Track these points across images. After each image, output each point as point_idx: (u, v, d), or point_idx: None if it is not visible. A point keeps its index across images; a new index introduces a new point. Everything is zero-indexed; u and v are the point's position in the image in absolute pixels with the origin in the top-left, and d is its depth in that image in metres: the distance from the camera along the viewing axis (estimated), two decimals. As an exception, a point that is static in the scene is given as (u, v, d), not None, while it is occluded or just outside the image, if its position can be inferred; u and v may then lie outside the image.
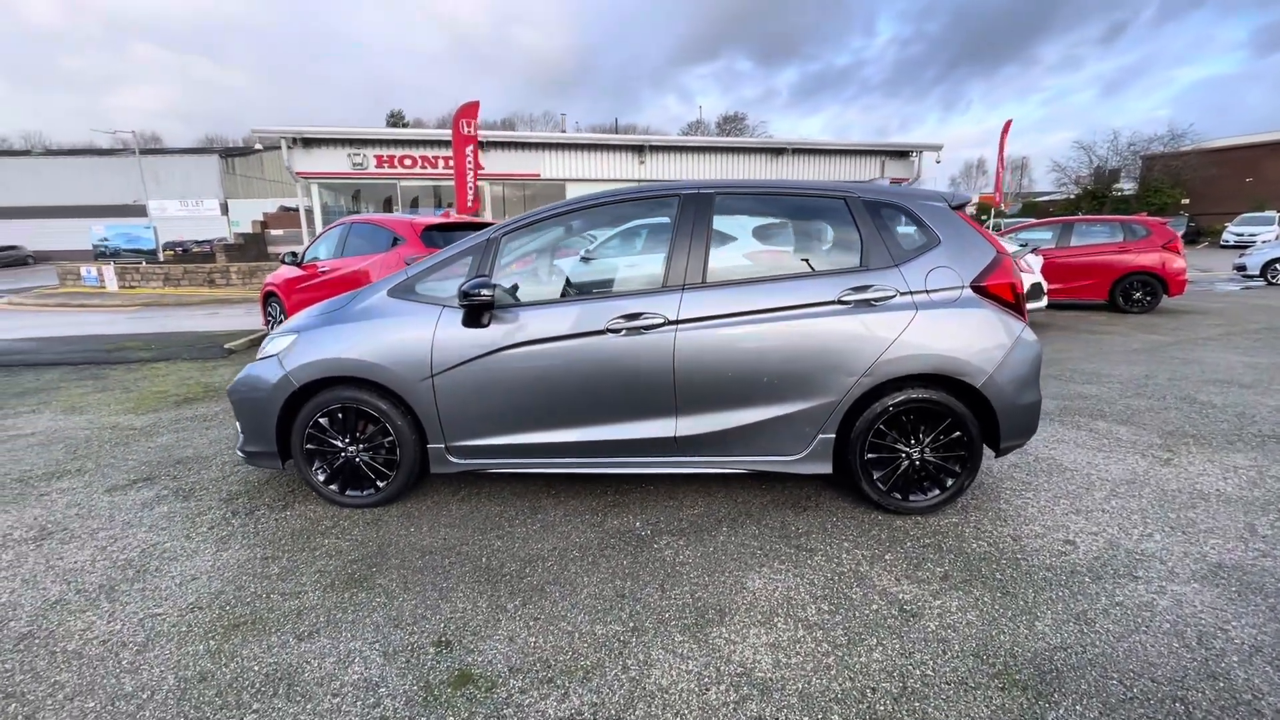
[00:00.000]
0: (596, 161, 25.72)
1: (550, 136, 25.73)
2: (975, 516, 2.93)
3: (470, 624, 2.13)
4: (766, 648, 2.00)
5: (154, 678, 1.87)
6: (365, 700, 1.78)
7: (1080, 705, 1.75)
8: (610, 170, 25.93)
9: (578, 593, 2.32)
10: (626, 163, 25.95)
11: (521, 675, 1.88)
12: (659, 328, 2.78)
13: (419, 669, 1.91)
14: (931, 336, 2.75)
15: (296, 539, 2.73)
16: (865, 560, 2.54)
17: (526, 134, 27.44)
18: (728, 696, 1.79)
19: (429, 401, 2.89)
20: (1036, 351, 2.86)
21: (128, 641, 2.04)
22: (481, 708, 1.75)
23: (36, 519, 2.96)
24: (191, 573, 2.46)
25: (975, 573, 2.44)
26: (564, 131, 35.76)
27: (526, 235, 3.02)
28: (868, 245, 2.86)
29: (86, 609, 2.22)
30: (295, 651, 1.99)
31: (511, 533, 2.79)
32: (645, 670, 1.90)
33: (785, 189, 3.08)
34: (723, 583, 2.39)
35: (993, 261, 2.86)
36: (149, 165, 42.16)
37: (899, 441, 2.89)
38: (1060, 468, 3.52)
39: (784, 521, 2.89)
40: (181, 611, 2.21)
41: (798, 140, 28.17)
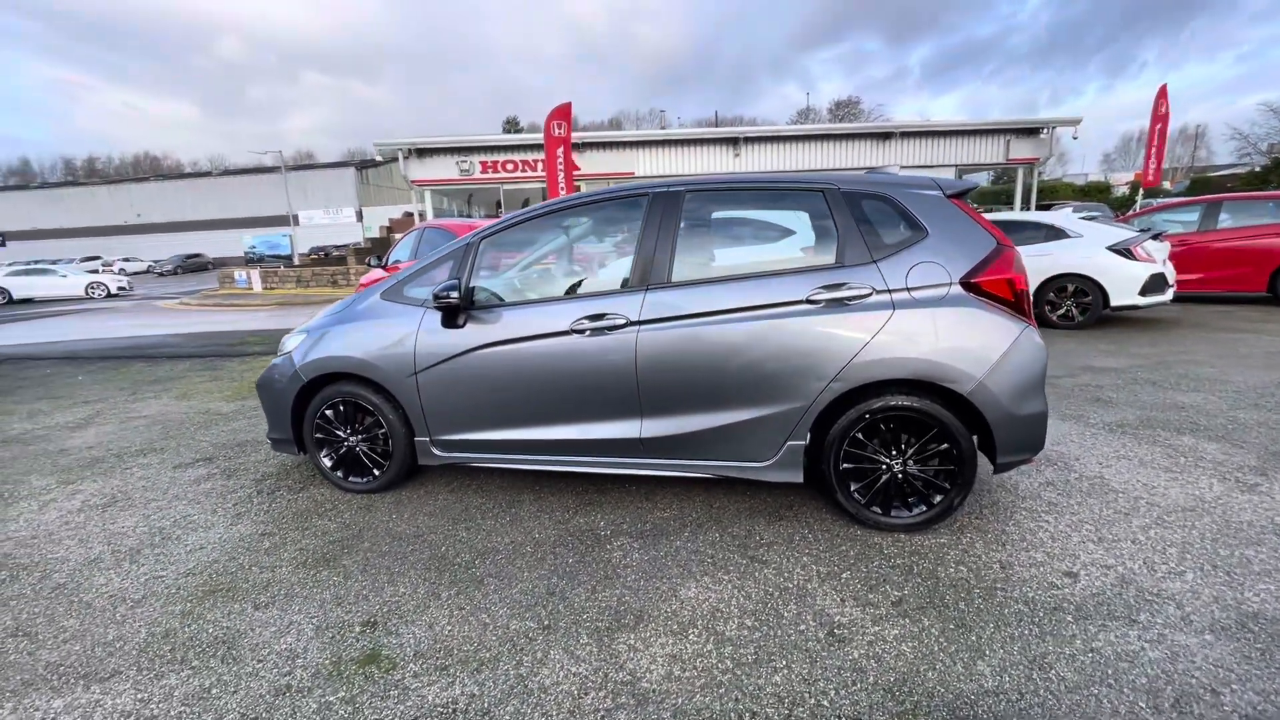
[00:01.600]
0: (690, 157, 25.63)
1: (643, 134, 25.95)
2: (969, 538, 2.65)
3: (402, 608, 2.27)
4: (666, 658, 1.96)
5: (131, 631, 2.18)
6: (281, 669, 1.96)
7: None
8: (704, 165, 25.74)
9: (511, 587, 2.39)
10: (721, 156, 25.64)
11: (422, 660, 1.98)
12: (621, 328, 2.77)
13: (338, 645, 2.07)
14: (910, 338, 2.52)
15: (296, 519, 3.04)
16: (817, 577, 2.39)
17: (620, 133, 27.90)
18: (602, 703, 1.78)
19: (414, 397, 3.08)
20: (1038, 356, 2.52)
21: (127, 598, 2.39)
22: (372, 686, 1.87)
23: (112, 488, 3.51)
24: (201, 543, 2.82)
25: (936, 600, 2.21)
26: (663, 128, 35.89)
27: (504, 239, 3.12)
28: (844, 240, 2.67)
29: (111, 568, 2.62)
30: (247, 619, 2.23)
31: (480, 525, 2.91)
32: (535, 668, 1.93)
33: (761, 183, 2.94)
34: (657, 589, 2.35)
35: (989, 255, 2.56)
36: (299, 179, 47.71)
37: (879, 452, 2.68)
38: (1105, 488, 3.08)
39: (751, 530, 2.78)
40: (178, 576, 2.54)
41: (907, 123, 26.38)
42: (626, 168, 25.43)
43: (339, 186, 48.99)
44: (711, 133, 25.92)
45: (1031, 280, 7.84)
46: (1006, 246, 2.60)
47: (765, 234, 3.00)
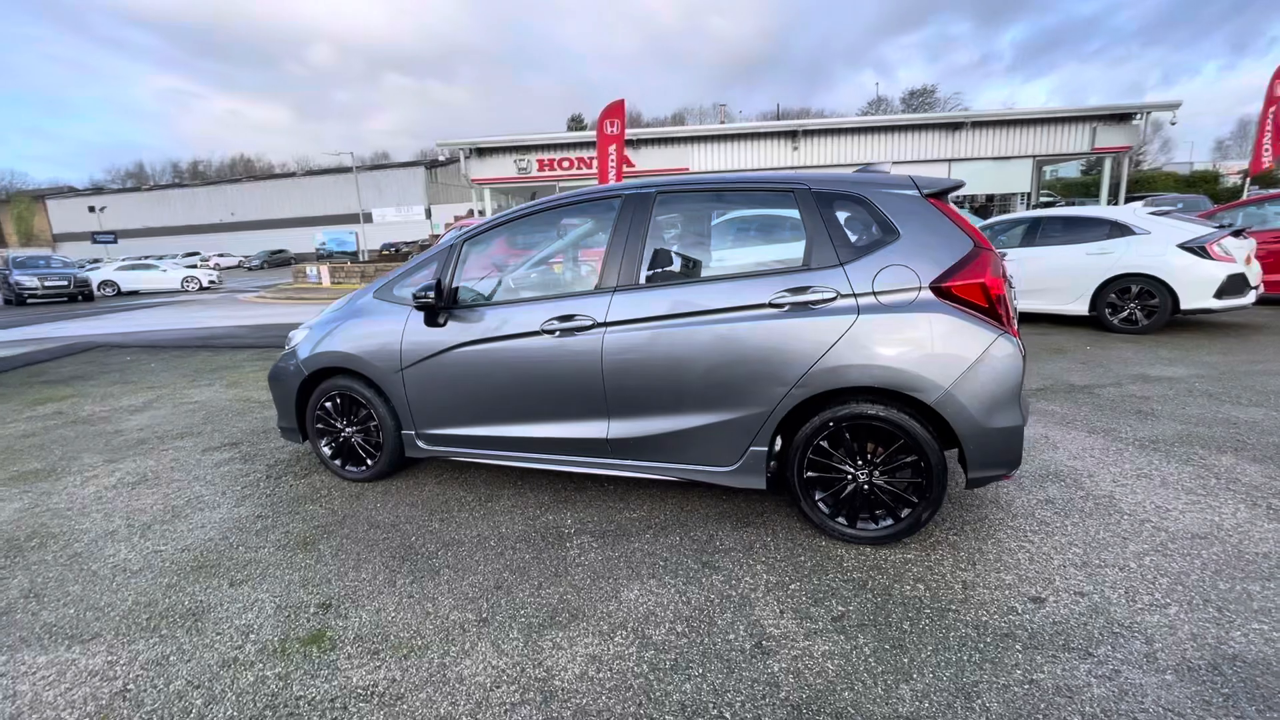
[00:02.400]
0: (746, 151, 25.25)
1: (699, 129, 25.75)
2: (939, 554, 2.52)
3: (358, 593, 2.40)
4: (586, 659, 1.98)
5: (120, 599, 2.41)
6: (234, 642, 2.12)
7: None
8: (761, 159, 25.30)
9: (464, 579, 2.47)
10: (778, 150, 25.13)
11: (360, 644, 2.09)
12: (588, 330, 2.80)
13: (290, 624, 2.21)
14: (873, 344, 2.43)
15: (291, 503, 3.24)
16: (764, 587, 2.34)
17: (674, 129, 27.77)
18: (509, 697, 1.82)
19: (401, 392, 3.23)
20: (1012, 366, 2.37)
21: (128, 569, 2.63)
22: (307, 664, 1.99)
23: (146, 468, 3.86)
24: (204, 522, 3.06)
25: (880, 618, 2.13)
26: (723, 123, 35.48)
27: (486, 240, 3.21)
28: (812, 241, 2.59)
29: (123, 540, 2.89)
30: (220, 595, 2.41)
31: (454, 517, 3.02)
32: (459, 659, 2.00)
33: (733, 184, 2.89)
34: (601, 589, 2.37)
35: (963, 258, 2.43)
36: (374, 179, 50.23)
37: (844, 461, 2.59)
38: (1111, 509, 2.86)
39: (713, 535, 2.75)
40: (176, 551, 2.78)
41: (981, 112, 24.97)
42: (681, 163, 25.34)
43: (411, 185, 51.24)
44: (768, 126, 25.42)
45: (1088, 281, 7.35)
46: (984, 249, 2.46)
47: (736, 236, 2.95)
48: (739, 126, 26.12)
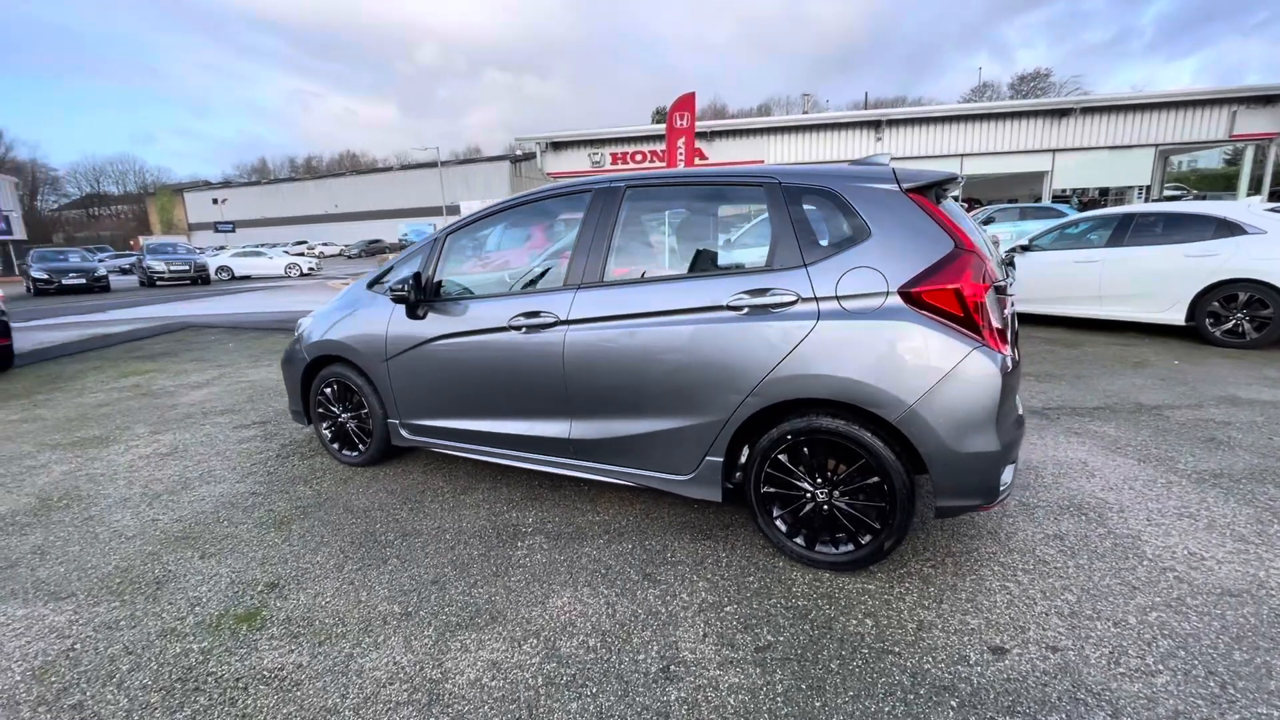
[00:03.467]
0: (827, 142, 24.24)
1: (775, 120, 24.98)
2: (905, 587, 2.29)
3: (306, 575, 2.48)
4: (486, 665, 1.94)
5: (106, 562, 2.62)
6: (179, 613, 2.25)
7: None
8: (842, 150, 24.22)
9: (406, 570, 2.50)
10: (861, 141, 23.95)
11: (286, 626, 2.16)
12: (551, 327, 2.75)
13: (234, 600, 2.32)
14: (832, 353, 2.22)
15: (285, 483, 3.42)
16: (697, 606, 2.21)
17: (749, 120, 27.04)
18: (397, 695, 1.82)
19: (387, 382, 3.31)
20: (989, 384, 2.09)
21: (124, 535, 2.86)
22: (231, 641, 2.08)
23: (180, 440, 4.19)
24: (205, 495, 3.28)
25: (809, 654, 1.95)
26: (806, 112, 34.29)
27: (467, 234, 3.22)
28: (778, 240, 2.41)
29: (133, 508, 3.15)
30: (188, 566, 2.57)
31: (423, 508, 3.07)
32: (368, 651, 2.01)
33: (704, 178, 2.73)
34: (531, 593, 2.33)
35: (939, 261, 2.17)
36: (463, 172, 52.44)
37: (803, 479, 2.40)
38: (1132, 552, 2.49)
39: (667, 545, 2.64)
40: (170, 521, 2.99)
41: (1096, 97, 22.68)
42: (756, 155, 24.72)
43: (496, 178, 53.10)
44: (849, 116, 24.28)
45: (1186, 287, 6.48)
46: (966, 251, 2.18)
47: (703, 232, 2.79)
48: (818, 117, 25.11)
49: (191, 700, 1.82)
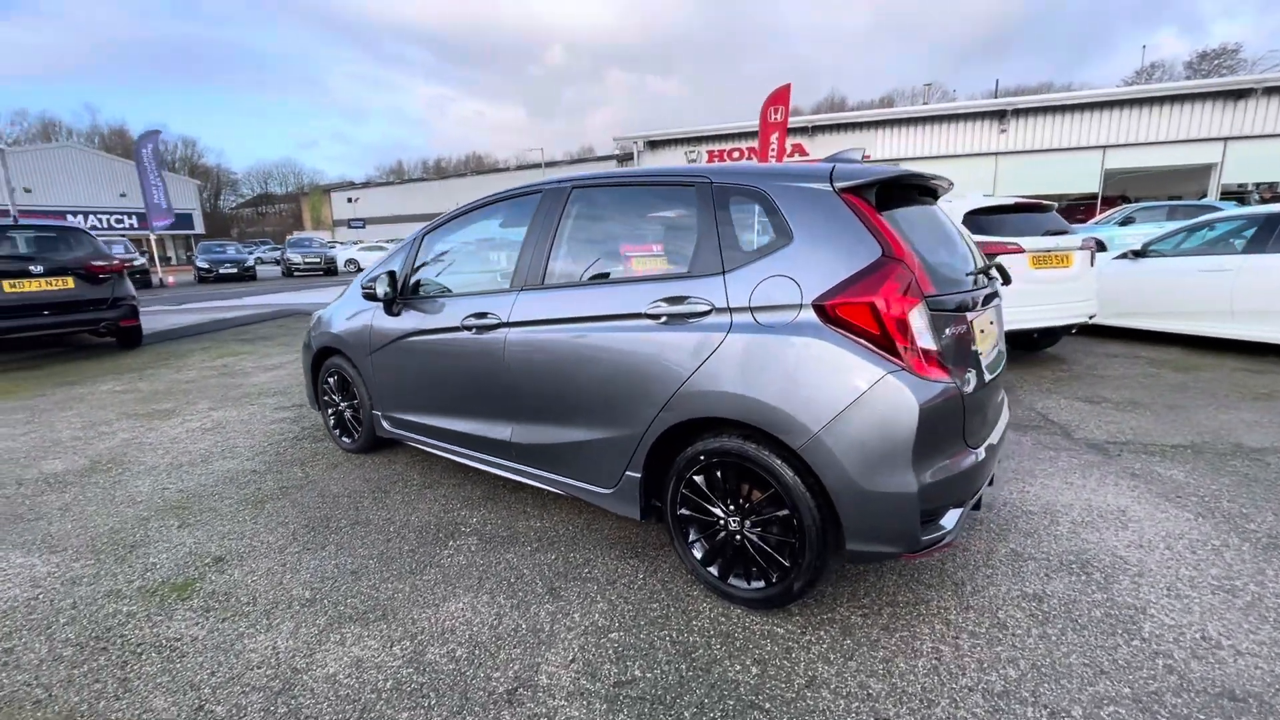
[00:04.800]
0: (943, 135, 22.44)
1: (881, 113, 23.43)
2: (822, 634, 2.05)
3: (251, 553, 2.65)
4: (349, 662, 1.97)
5: (102, 523, 2.95)
6: (130, 576, 2.48)
7: None
8: (958, 143, 22.33)
9: (337, 558, 2.60)
10: (982, 133, 21.94)
11: (208, 599, 2.31)
12: (495, 329, 2.75)
13: (179, 569, 2.53)
14: (739, 369, 2.03)
15: (286, 465, 3.69)
16: (582, 628, 2.11)
17: (853, 113, 25.50)
18: (257, 680, 1.88)
19: (371, 374, 3.47)
20: (904, 414, 1.80)
21: (134, 500, 3.22)
22: (152, 608, 2.26)
23: (227, 418, 4.66)
24: (217, 469, 3.62)
25: (667, 697, 1.80)
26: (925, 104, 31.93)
27: (440, 234, 3.28)
28: (701, 244, 2.24)
29: (154, 476, 3.54)
30: (165, 534, 2.84)
31: (386, 499, 3.18)
32: (258, 634, 2.11)
33: (644, 178, 2.58)
34: (434, 594, 2.33)
35: (859, 272, 1.90)
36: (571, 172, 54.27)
37: (717, 503, 2.21)
38: (1126, 626, 2.06)
39: (591, 559, 2.55)
40: (175, 491, 3.32)
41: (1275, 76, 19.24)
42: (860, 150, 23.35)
43: (603, 178, 54.39)
44: (969, 106, 22.29)
45: None
46: (892, 260, 1.89)
47: (640, 235, 2.64)
48: (933, 108, 23.27)
49: (93, 659, 2.00)
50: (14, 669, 1.97)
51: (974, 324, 2.16)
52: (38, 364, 7.04)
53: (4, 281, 6.50)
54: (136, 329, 7.72)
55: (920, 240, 2.11)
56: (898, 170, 2.10)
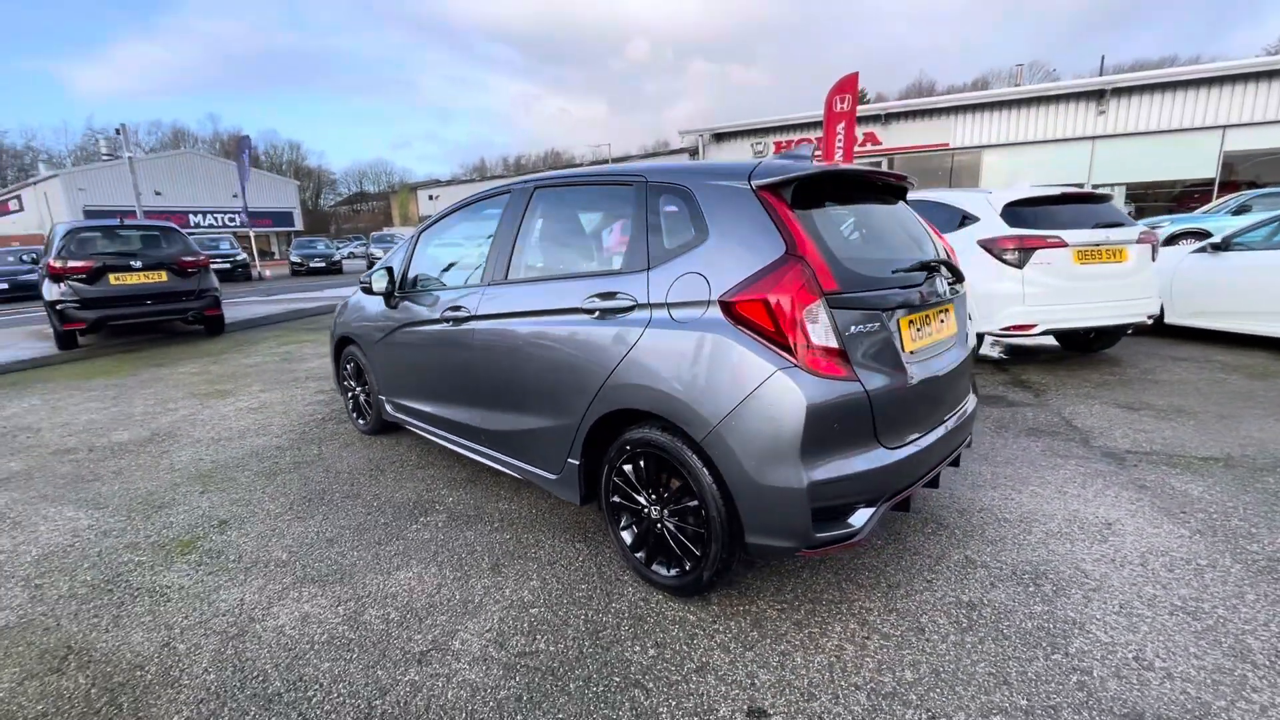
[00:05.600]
0: (1029, 119, 20.90)
1: (962, 98, 22.04)
2: (729, 625, 2.09)
3: (251, 519, 2.98)
4: (299, 617, 2.20)
5: (144, 487, 3.39)
6: (150, 532, 2.86)
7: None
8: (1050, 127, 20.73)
9: (319, 526, 2.87)
10: (1077, 116, 20.26)
11: (203, 555, 2.64)
12: (466, 321, 2.94)
13: (189, 529, 2.88)
14: (653, 362, 2.11)
15: (308, 443, 4.06)
16: (509, 604, 2.25)
17: (931, 99, 24.05)
18: (217, 626, 2.15)
19: (376, 362, 3.77)
20: (792, 410, 1.82)
21: (173, 468, 3.67)
22: (159, 561, 2.61)
23: (270, 399, 5.15)
24: (248, 445, 4.04)
25: (560, 670, 1.91)
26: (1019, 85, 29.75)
27: (433, 232, 3.50)
28: (633, 241, 2.32)
29: (194, 449, 4.00)
30: (187, 499, 3.23)
31: (381, 476, 3.46)
32: (234, 586, 2.40)
33: (593, 178, 2.66)
34: (389, 563, 2.55)
35: (760, 270, 1.93)
36: (643, 167, 54.53)
37: (642, 493, 2.30)
38: (1052, 643, 1.98)
39: (541, 540, 2.69)
40: (208, 463, 3.75)
41: None
42: (939, 138, 22.23)
43: (674, 172, 54.35)
44: (1060, 87, 20.61)
45: None
46: (795, 258, 1.90)
47: (588, 232, 2.72)
48: (1021, 90, 21.68)
49: (99, 596, 2.35)
50: (38, 601, 2.34)
51: (905, 322, 2.12)
52: (139, 348, 8.01)
53: (110, 275, 7.43)
54: (219, 318, 8.59)
55: (844, 237, 2.09)
56: (818, 167, 2.09)
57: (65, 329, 7.42)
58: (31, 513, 3.11)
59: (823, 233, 2.02)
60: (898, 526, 2.74)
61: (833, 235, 2.07)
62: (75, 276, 7.27)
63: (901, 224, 2.50)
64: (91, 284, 7.33)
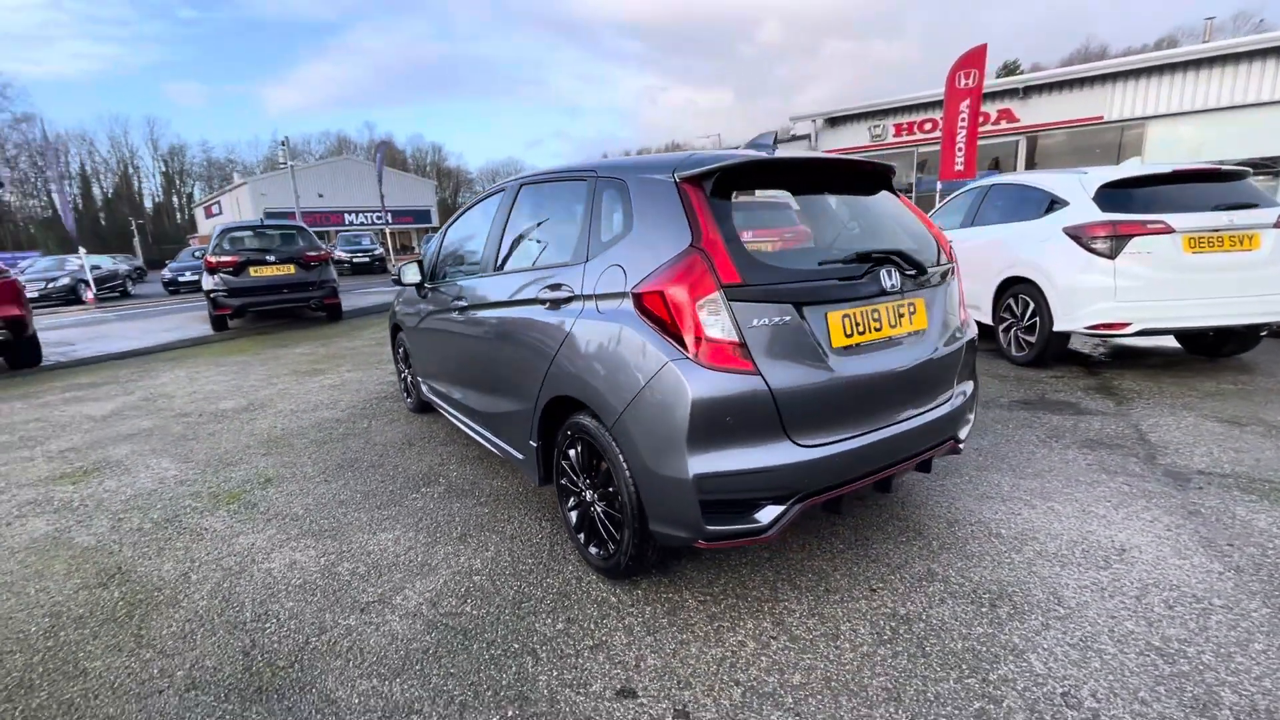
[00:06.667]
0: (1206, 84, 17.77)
1: (1121, 63, 19.18)
2: (647, 609, 2.15)
3: (290, 479, 3.45)
4: (289, 562, 2.56)
5: (223, 448, 4.02)
6: (213, 484, 3.41)
7: None
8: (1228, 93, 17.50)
9: (340, 489, 3.27)
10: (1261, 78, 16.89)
11: (241, 505, 3.12)
12: (465, 310, 3.19)
13: (241, 484, 3.40)
14: (579, 351, 2.21)
15: (363, 417, 4.56)
16: (460, 570, 2.46)
17: (1082, 66, 21.02)
18: (226, 562, 2.56)
19: (414, 347, 4.17)
20: (677, 401, 1.83)
21: (254, 433, 4.30)
22: (209, 506, 3.11)
23: (350, 378, 5.81)
24: (316, 417, 4.62)
25: (473, 631, 2.08)
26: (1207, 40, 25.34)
27: (455, 227, 3.79)
28: (579, 235, 2.41)
29: (274, 418, 4.65)
30: (250, 459, 3.79)
31: (410, 449, 3.83)
32: (253, 531, 2.82)
33: (561, 174, 2.73)
34: (378, 525, 2.86)
35: (665, 262, 1.95)
36: (760, 156, 53.23)
37: (580, 475, 2.40)
38: (975, 667, 1.84)
39: (514, 516, 2.88)
40: (280, 430, 4.35)
41: None
42: (1092, 111, 19.63)
43: (792, 160, 52.50)
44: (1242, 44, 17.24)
45: None
46: (697, 249, 1.89)
47: (553, 225, 2.81)
48: (1193, 50, 18.46)
49: (157, 531, 2.88)
50: (114, 531, 2.91)
51: (837, 315, 2.03)
52: (271, 331, 9.31)
53: (251, 268, 8.70)
54: (337, 305, 9.75)
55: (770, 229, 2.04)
56: (740, 158, 2.04)
57: (216, 314, 8.82)
58: (139, 463, 3.82)
59: (740, 224, 1.99)
60: (868, 531, 2.60)
61: (754, 227, 2.02)
62: (225, 269, 8.61)
63: (862, 215, 2.36)
64: (236, 275, 8.64)
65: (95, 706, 1.81)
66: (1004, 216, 5.68)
